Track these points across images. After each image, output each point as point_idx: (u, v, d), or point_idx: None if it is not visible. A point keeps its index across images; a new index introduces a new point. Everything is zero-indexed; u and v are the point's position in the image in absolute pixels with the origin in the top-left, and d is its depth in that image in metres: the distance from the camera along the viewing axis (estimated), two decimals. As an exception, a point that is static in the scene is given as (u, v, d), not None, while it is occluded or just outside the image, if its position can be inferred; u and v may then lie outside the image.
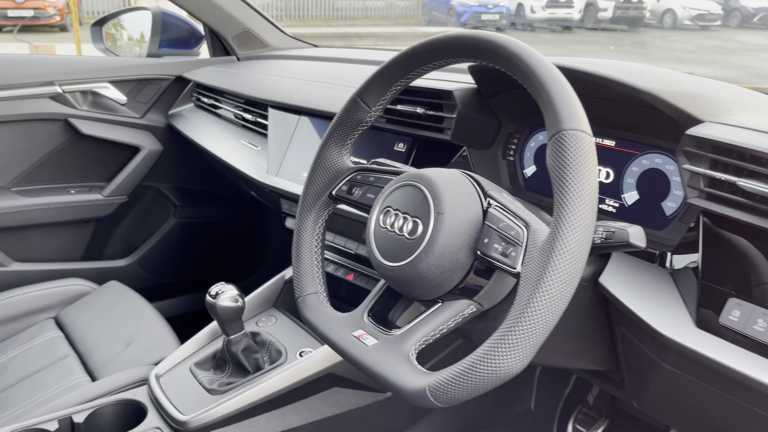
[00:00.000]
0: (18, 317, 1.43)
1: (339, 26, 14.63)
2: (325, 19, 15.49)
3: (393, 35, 13.18)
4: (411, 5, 16.89)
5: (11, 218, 1.58)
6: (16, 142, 1.60)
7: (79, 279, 1.52)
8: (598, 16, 14.18)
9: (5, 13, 12.37)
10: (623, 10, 14.20)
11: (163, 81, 1.73)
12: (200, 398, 1.03)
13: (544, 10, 13.86)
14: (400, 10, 16.70)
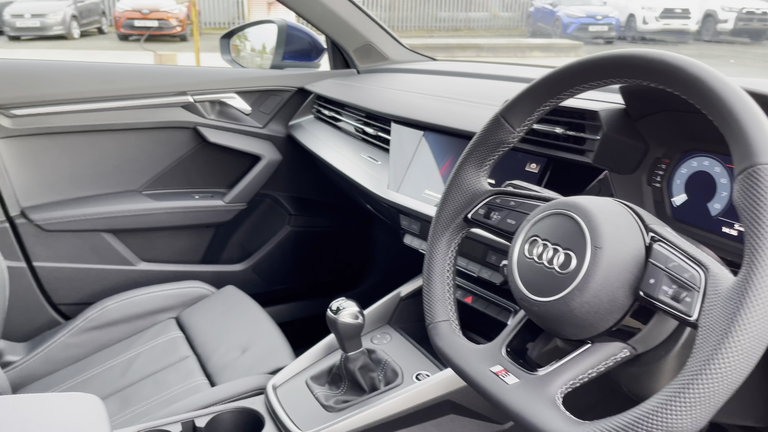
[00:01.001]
0: (144, 315, 1.50)
1: (441, 37, 14.66)
2: (427, 30, 15.58)
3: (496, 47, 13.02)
4: (515, 16, 16.64)
5: (141, 220, 1.67)
6: (149, 148, 1.69)
7: (199, 282, 1.58)
8: (718, 27, 13.35)
9: (132, 23, 13.38)
10: (745, 21, 13.29)
11: (285, 92, 1.78)
12: (317, 414, 1.03)
13: (657, 21, 13.21)
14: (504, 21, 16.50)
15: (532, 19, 15.33)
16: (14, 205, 1.56)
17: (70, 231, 1.61)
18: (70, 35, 13.53)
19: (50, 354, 1.41)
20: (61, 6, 13.39)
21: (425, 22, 15.76)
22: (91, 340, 1.45)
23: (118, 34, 13.66)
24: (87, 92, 1.57)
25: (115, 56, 11.18)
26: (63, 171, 1.62)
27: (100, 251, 1.66)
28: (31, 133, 1.54)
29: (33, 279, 1.60)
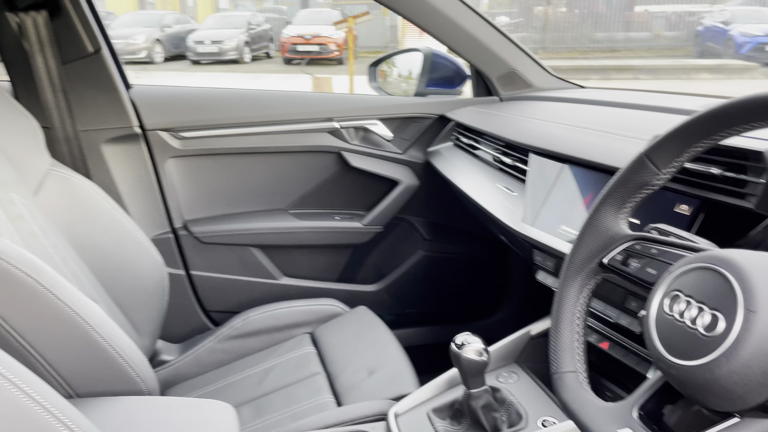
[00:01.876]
0: (282, 328, 1.58)
1: (596, 59, 14.04)
2: (581, 52, 15.00)
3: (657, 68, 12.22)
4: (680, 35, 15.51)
5: (286, 237, 1.77)
6: (297, 170, 1.79)
7: (334, 300, 1.64)
8: None
9: (296, 48, 14.38)
10: None
11: (426, 119, 1.80)
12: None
13: None
14: (668, 41, 15.44)
15: (700, 39, 14.19)
16: (178, 217, 1.73)
17: (223, 244, 1.75)
18: (242, 59, 14.85)
19: (199, 357, 1.53)
20: (236, 33, 14.77)
21: (580, 43, 15.20)
22: (235, 348, 1.56)
23: (283, 58, 14.75)
24: (245, 117, 1.71)
25: (278, 78, 12.06)
26: (221, 188, 1.76)
27: (248, 264, 1.78)
28: (196, 153, 1.71)
29: (189, 286, 1.75)
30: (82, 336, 0.99)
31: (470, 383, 1.02)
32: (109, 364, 1.02)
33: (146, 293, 1.45)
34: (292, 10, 18.51)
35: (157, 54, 14.67)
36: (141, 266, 1.44)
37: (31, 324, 0.96)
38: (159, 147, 1.66)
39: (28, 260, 0.97)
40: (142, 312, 1.45)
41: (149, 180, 1.67)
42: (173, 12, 17.31)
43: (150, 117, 1.64)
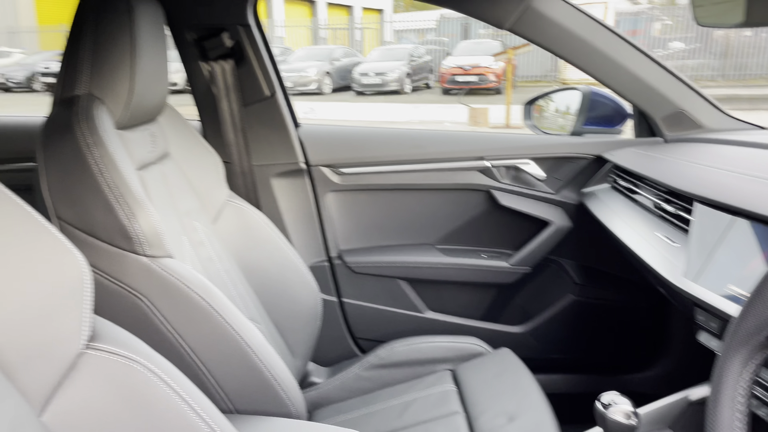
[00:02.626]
0: (424, 362, 1.60)
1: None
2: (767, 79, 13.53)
3: None
4: None
5: (432, 272, 1.81)
6: (446, 207, 1.83)
7: (477, 339, 1.63)
8: None
9: (454, 78, 14.62)
10: None
11: (581, 159, 1.75)
12: None
13: None
14: None
15: None
16: (334, 247, 1.84)
17: (373, 275, 1.83)
18: (403, 90, 15.40)
19: (345, 382, 1.61)
20: (398, 65, 15.38)
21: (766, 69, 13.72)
22: (378, 377, 1.61)
23: (442, 88, 15.06)
24: (400, 155, 1.78)
25: (435, 108, 12.32)
26: (374, 221, 1.85)
27: (395, 296, 1.84)
28: (353, 188, 1.81)
29: (341, 313, 1.85)
30: (243, 357, 1.09)
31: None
32: (264, 385, 1.11)
33: (302, 317, 1.56)
34: (453, 42, 18.87)
35: (326, 86, 15.71)
36: (299, 292, 1.55)
37: (202, 342, 1.08)
38: (321, 181, 1.79)
39: (203, 285, 1.09)
40: (298, 335, 1.56)
41: (310, 212, 1.81)
42: (342, 46, 18.46)
43: (314, 154, 1.78)
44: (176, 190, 1.35)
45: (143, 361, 0.76)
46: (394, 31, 24.89)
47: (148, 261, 1.06)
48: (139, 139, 1.25)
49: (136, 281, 1.06)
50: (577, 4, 1.53)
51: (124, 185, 1.04)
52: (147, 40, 1.19)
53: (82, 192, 1.04)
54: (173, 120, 1.44)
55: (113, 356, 0.75)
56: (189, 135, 1.46)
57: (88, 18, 1.14)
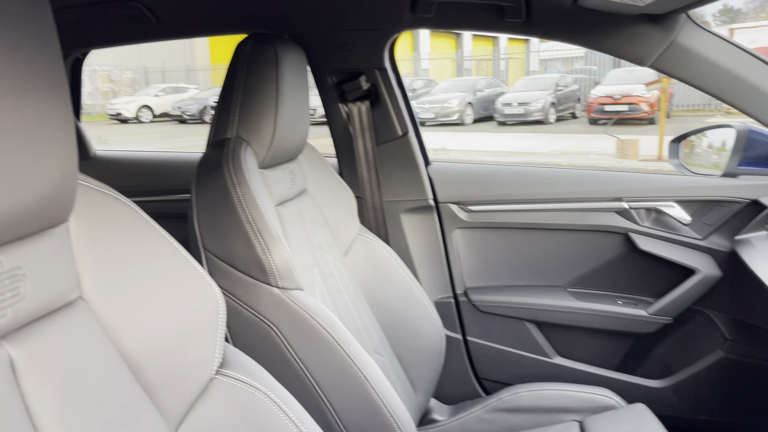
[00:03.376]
0: (550, 410, 1.54)
1: None
2: None
3: None
4: None
5: (562, 316, 1.74)
6: (579, 248, 1.75)
7: (609, 392, 1.54)
8: None
9: (603, 108, 14.01)
10: None
11: (735, 204, 1.60)
12: None
13: None
14: None
15: None
16: (460, 284, 1.84)
17: (499, 315, 1.80)
18: (547, 120, 15.05)
19: (466, 423, 1.59)
20: (542, 95, 15.08)
21: None
22: (501, 420, 1.57)
23: (589, 118, 14.50)
24: (531, 194, 1.75)
25: (580, 139, 11.87)
26: (501, 260, 1.82)
27: (522, 338, 1.79)
28: (481, 226, 1.80)
29: (465, 351, 1.84)
30: (362, 390, 1.13)
31: None
32: (380, 419, 1.14)
33: (425, 353, 1.57)
34: (602, 70, 18.15)
35: (468, 116, 15.79)
36: (423, 327, 1.57)
37: (324, 373, 1.13)
38: (448, 218, 1.81)
39: (329, 319, 1.15)
40: (420, 370, 1.57)
41: (438, 248, 1.82)
42: (486, 77, 18.48)
43: (443, 191, 1.80)
44: (311, 224, 1.43)
45: (266, 390, 0.82)
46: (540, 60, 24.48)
47: (279, 292, 1.13)
48: (280, 177, 1.35)
49: (268, 311, 1.14)
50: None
51: (262, 221, 1.13)
52: (291, 86, 1.30)
53: (225, 226, 1.15)
54: (312, 158, 1.54)
55: (240, 383, 0.81)
56: (325, 172, 1.56)
57: (240, 67, 1.26)
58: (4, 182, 0.54)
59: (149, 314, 0.75)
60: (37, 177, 0.58)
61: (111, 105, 19.19)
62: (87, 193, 0.73)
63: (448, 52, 24.34)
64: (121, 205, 0.77)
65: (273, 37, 1.28)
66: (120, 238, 0.75)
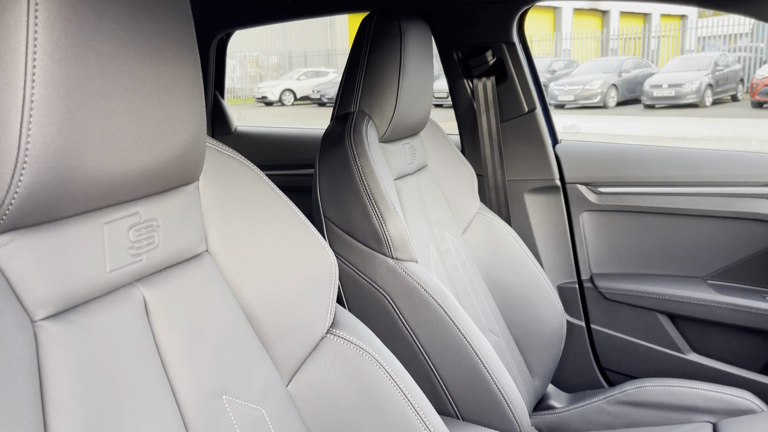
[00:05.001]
0: (680, 409, 1.44)
1: None
2: None
3: None
4: None
5: (700, 310, 1.61)
6: (722, 238, 1.60)
7: (749, 393, 1.40)
8: None
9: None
10: None
11: None
12: None
13: None
14: None
15: None
16: (586, 269, 1.76)
17: (628, 304, 1.70)
18: (702, 103, 13.80)
19: (585, 413, 1.53)
20: (698, 76, 13.83)
21: None
22: (624, 414, 1.49)
23: (752, 101, 13.08)
24: (668, 177, 1.62)
25: (739, 124, 10.76)
26: (632, 247, 1.71)
27: (652, 330, 1.68)
28: (611, 209, 1.71)
29: (588, 339, 1.76)
30: (472, 365, 1.13)
31: None
32: (490, 396, 1.13)
33: (544, 337, 1.53)
34: (772, 47, 16.26)
35: (611, 99, 14.88)
36: (543, 311, 1.53)
37: (435, 344, 1.14)
38: (576, 200, 1.73)
39: (441, 291, 1.16)
40: (538, 354, 1.53)
41: (563, 231, 1.75)
42: (633, 57, 17.29)
43: (571, 171, 1.72)
44: (429, 200, 1.44)
45: (374, 353, 0.85)
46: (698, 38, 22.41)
47: (393, 263, 1.16)
48: (400, 151, 1.37)
49: (382, 280, 1.17)
50: None
51: (379, 193, 1.16)
52: (414, 62, 1.31)
53: (345, 196, 1.19)
54: (434, 134, 1.54)
55: (349, 344, 0.85)
56: (447, 148, 1.55)
57: (365, 41, 1.29)
58: (142, 141, 0.60)
59: (268, 272, 0.80)
60: (170, 137, 0.63)
61: (258, 89, 20.45)
62: (215, 156, 0.79)
63: (593, 31, 23.06)
64: (246, 169, 0.82)
65: (398, 12, 1.29)
66: (244, 199, 0.80)
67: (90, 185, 0.56)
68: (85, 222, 0.59)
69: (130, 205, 0.64)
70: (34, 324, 0.55)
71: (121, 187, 0.60)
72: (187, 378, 0.66)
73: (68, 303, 0.58)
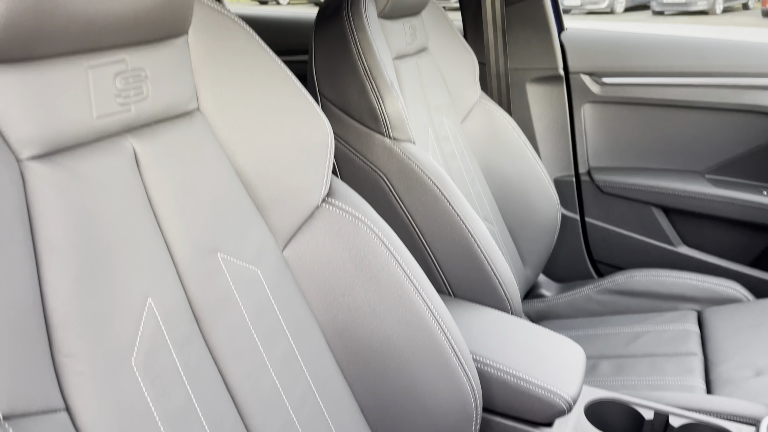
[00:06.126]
0: (667, 297, 1.47)
1: None
2: None
3: None
4: None
5: (695, 203, 1.61)
6: (724, 131, 1.58)
7: (736, 284, 1.44)
8: None
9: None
10: None
11: None
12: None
13: None
14: None
15: None
16: (584, 163, 1.74)
17: (623, 197, 1.70)
18: (712, 11, 13.31)
19: (574, 300, 1.57)
20: (710, -18, 13.26)
21: None
22: (611, 302, 1.53)
23: (762, 10, 12.62)
24: (674, 67, 1.58)
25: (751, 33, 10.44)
26: (632, 140, 1.69)
27: (645, 223, 1.69)
28: (613, 101, 1.67)
29: (581, 231, 1.77)
30: (466, 245, 1.13)
31: None
32: (483, 276, 1.14)
33: (538, 228, 1.54)
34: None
35: (619, 4, 14.32)
36: (538, 202, 1.52)
37: (430, 225, 1.15)
38: (578, 91, 1.69)
39: (438, 172, 1.14)
40: (531, 245, 1.54)
41: (563, 122, 1.72)
42: (645, -41, 16.48)
43: (575, 60, 1.67)
44: (429, 84, 1.40)
45: (369, 222, 0.84)
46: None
47: (390, 143, 1.14)
48: (400, 30, 1.31)
49: (379, 160, 1.15)
50: None
51: (377, 69, 1.12)
52: None
53: (342, 72, 1.15)
54: (435, 16, 1.47)
55: (344, 213, 0.84)
56: (449, 32, 1.49)
57: None
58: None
59: (262, 136, 0.78)
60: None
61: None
62: (205, 10, 0.75)
63: (604, -69, 21.80)
64: (238, 27, 0.78)
65: None
66: (236, 58, 0.77)
67: (71, 22, 0.53)
68: (68, 64, 0.57)
69: (115, 52, 0.61)
70: (20, 162, 0.53)
71: (104, 30, 0.57)
72: (181, 233, 0.66)
73: (55, 145, 0.56)
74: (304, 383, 0.74)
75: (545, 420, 0.95)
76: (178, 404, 0.58)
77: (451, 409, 0.80)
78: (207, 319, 0.66)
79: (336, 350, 0.81)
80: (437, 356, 0.80)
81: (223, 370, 0.66)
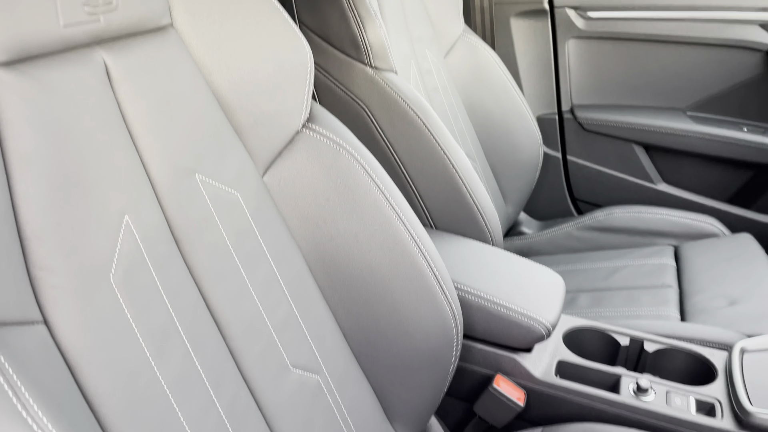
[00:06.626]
0: (644, 233, 1.49)
1: None
2: None
3: None
4: None
5: (676, 140, 1.61)
6: (707, 67, 1.57)
7: (714, 219, 1.46)
8: None
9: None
10: None
11: None
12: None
13: None
14: None
15: None
16: (567, 101, 1.73)
17: (605, 135, 1.69)
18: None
19: (554, 237, 1.58)
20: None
21: None
22: (591, 239, 1.54)
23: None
24: (659, 0, 1.55)
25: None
26: (616, 77, 1.68)
27: (626, 161, 1.70)
28: (598, 36, 1.64)
29: (563, 170, 1.78)
30: (448, 177, 1.12)
31: None
32: (465, 208, 1.14)
33: (520, 166, 1.53)
34: None
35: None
36: (520, 140, 1.52)
37: (412, 157, 1.13)
38: (563, 26, 1.66)
39: (420, 103, 1.12)
40: (512, 182, 1.54)
41: (547, 59, 1.70)
42: None
43: None
44: (411, 15, 1.36)
45: (350, 149, 0.82)
46: None
47: (372, 72, 1.11)
48: None
49: (360, 90, 1.12)
50: None
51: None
52: None
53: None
54: None
55: (325, 139, 0.82)
56: None
57: None
58: None
59: (239, 56, 0.75)
60: None
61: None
62: None
63: None
64: None
65: None
66: None
67: None
68: None
69: None
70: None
71: None
72: (157, 152, 0.64)
73: (20, 53, 0.53)
74: (287, 307, 0.74)
75: (524, 345, 0.97)
76: (160, 322, 0.58)
77: (432, 333, 0.81)
78: (186, 240, 0.65)
79: (318, 276, 0.80)
80: (418, 282, 0.80)
81: (204, 292, 0.65)
